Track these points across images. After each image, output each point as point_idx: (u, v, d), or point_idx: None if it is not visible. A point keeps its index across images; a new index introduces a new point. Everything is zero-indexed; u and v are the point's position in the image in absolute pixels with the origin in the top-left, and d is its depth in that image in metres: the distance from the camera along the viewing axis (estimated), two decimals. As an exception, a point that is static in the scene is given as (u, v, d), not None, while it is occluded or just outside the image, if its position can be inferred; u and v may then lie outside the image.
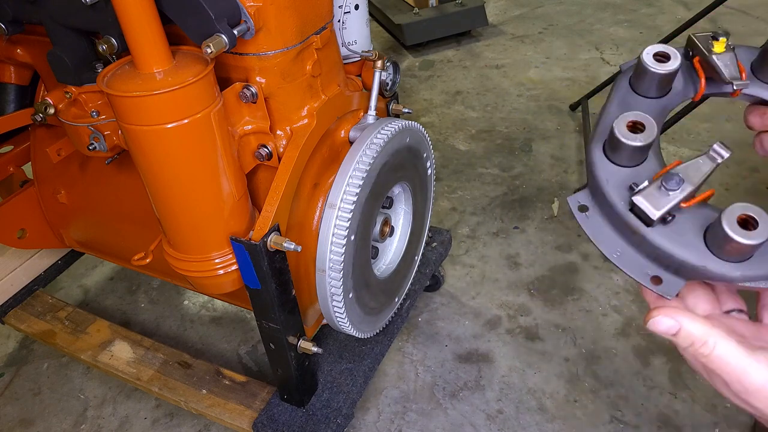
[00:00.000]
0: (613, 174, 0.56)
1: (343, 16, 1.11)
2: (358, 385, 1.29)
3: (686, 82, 0.61)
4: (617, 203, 0.54)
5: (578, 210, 0.57)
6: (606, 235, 0.56)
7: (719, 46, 0.59)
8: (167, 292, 1.89)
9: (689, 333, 0.47)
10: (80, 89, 1.03)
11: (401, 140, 1.14)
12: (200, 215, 0.94)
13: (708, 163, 0.51)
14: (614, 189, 0.55)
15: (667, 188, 0.50)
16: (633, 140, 0.53)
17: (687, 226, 0.52)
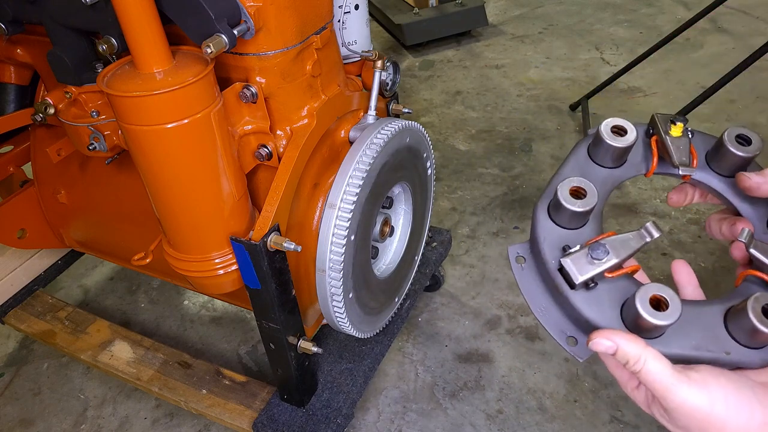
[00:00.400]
0: (551, 233, 0.59)
1: (343, 16, 1.11)
2: (358, 385, 1.29)
3: (642, 158, 0.64)
4: (549, 261, 0.57)
5: (515, 261, 0.61)
6: (535, 290, 0.59)
7: (676, 131, 0.61)
8: (167, 292, 1.89)
9: (625, 352, 0.50)
10: (80, 89, 1.03)
11: (401, 140, 1.14)
12: (200, 215, 0.94)
13: (638, 240, 0.54)
14: (549, 247, 0.58)
15: (593, 257, 0.53)
16: (572, 205, 0.56)
17: (607, 295, 0.55)
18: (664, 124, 0.62)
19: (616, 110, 2.57)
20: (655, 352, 0.50)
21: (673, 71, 2.80)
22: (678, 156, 0.60)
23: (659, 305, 0.51)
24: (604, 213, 2.08)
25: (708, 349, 0.52)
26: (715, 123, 2.42)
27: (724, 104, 2.50)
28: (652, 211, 2.01)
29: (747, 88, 2.58)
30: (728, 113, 2.47)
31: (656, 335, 0.52)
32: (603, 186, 0.62)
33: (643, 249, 0.55)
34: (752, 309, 0.50)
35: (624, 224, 1.97)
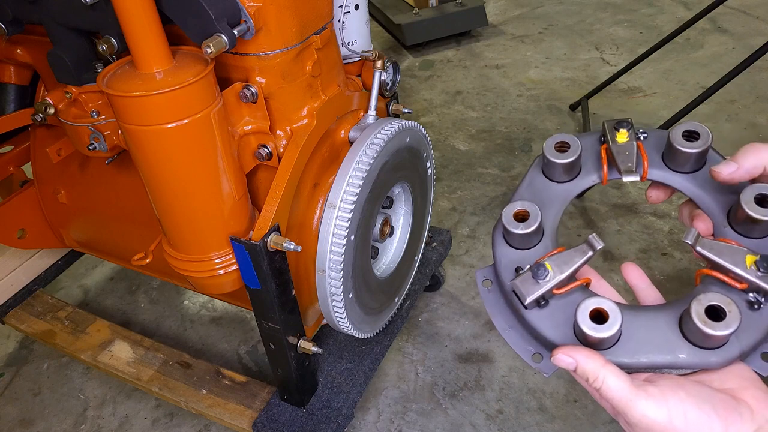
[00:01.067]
0: (506, 255, 0.61)
1: (343, 16, 1.11)
2: (358, 385, 1.29)
3: (596, 167, 0.64)
4: (505, 283, 0.59)
5: (482, 284, 0.63)
6: (500, 311, 0.61)
7: (621, 136, 0.62)
8: (167, 292, 1.89)
9: (584, 369, 0.51)
10: (80, 89, 1.03)
11: (401, 140, 1.14)
12: (200, 215, 0.94)
13: (580, 254, 0.56)
14: (504, 270, 0.60)
15: (536, 278, 0.55)
16: (516, 228, 0.58)
17: (559, 311, 0.56)
18: (611, 130, 0.63)
19: (617, 110, 2.57)
20: (614, 369, 0.51)
21: (673, 71, 2.80)
22: (623, 163, 0.61)
23: (600, 318, 0.52)
24: (604, 213, 2.08)
25: (662, 356, 0.52)
26: (716, 123, 2.42)
27: (724, 104, 2.50)
28: (652, 211, 2.01)
29: (747, 88, 2.58)
30: (728, 113, 2.47)
31: (607, 346, 0.53)
32: (559, 201, 0.63)
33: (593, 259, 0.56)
34: (695, 312, 0.50)
35: (624, 224, 1.97)
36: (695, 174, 0.61)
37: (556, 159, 0.61)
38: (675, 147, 0.59)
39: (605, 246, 1.89)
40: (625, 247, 1.89)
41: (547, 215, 0.62)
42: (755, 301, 0.52)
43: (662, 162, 0.63)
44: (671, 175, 0.62)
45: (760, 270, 0.51)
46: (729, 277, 0.52)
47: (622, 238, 1.93)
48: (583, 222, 2.00)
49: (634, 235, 1.93)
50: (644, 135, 0.64)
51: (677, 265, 1.80)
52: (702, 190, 0.60)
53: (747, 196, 0.54)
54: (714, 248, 0.53)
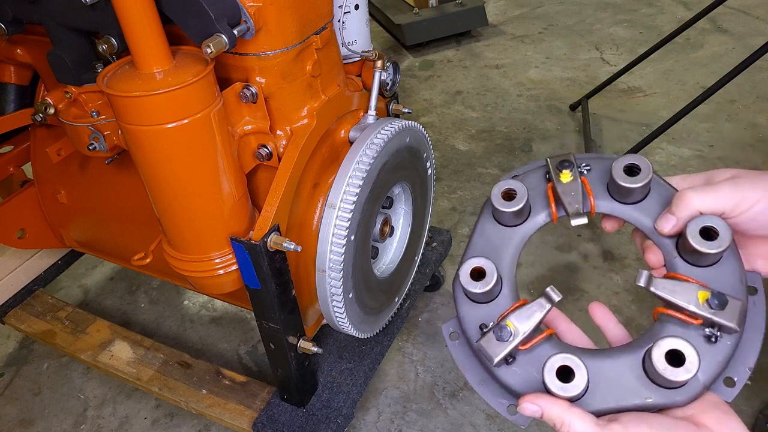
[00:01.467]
0: (469, 312, 0.61)
1: (343, 16, 1.11)
2: (358, 385, 1.29)
3: (545, 206, 0.64)
4: (472, 341, 0.60)
5: (449, 338, 0.63)
6: (471, 363, 0.62)
7: (565, 176, 0.62)
8: (167, 292, 1.89)
9: (550, 415, 0.53)
10: (80, 89, 1.03)
11: (401, 140, 1.14)
12: (200, 215, 0.94)
13: (541, 308, 0.56)
14: (470, 326, 0.61)
15: (500, 339, 0.56)
16: (474, 287, 0.59)
17: (528, 365, 0.57)
18: (555, 170, 0.63)
19: (617, 110, 2.57)
20: (579, 412, 0.52)
21: (673, 71, 2.80)
22: (570, 205, 0.61)
23: (567, 373, 0.53)
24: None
25: (630, 400, 0.54)
26: (716, 123, 2.42)
27: (724, 104, 2.50)
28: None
29: (747, 88, 2.58)
30: (728, 113, 2.47)
31: (577, 399, 0.54)
32: (514, 244, 0.64)
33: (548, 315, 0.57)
34: (657, 359, 0.51)
35: (623, 230, 1.96)
36: (641, 204, 0.62)
37: (505, 208, 0.62)
38: (617, 182, 0.60)
39: (606, 246, 1.90)
40: (625, 248, 1.89)
41: (504, 262, 0.63)
42: (711, 335, 0.54)
43: (608, 194, 0.63)
44: (618, 206, 0.62)
45: (712, 307, 0.53)
46: (684, 315, 0.54)
47: (622, 238, 1.93)
48: (583, 222, 2.00)
49: (634, 235, 1.93)
50: (587, 168, 0.64)
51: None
52: (649, 220, 0.61)
53: (692, 230, 0.55)
54: (667, 288, 0.55)
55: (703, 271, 0.57)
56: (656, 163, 2.24)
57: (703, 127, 2.40)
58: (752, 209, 0.54)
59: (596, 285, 1.77)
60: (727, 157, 2.23)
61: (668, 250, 0.59)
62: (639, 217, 0.61)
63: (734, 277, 0.56)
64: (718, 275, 0.56)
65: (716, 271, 0.57)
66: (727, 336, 0.54)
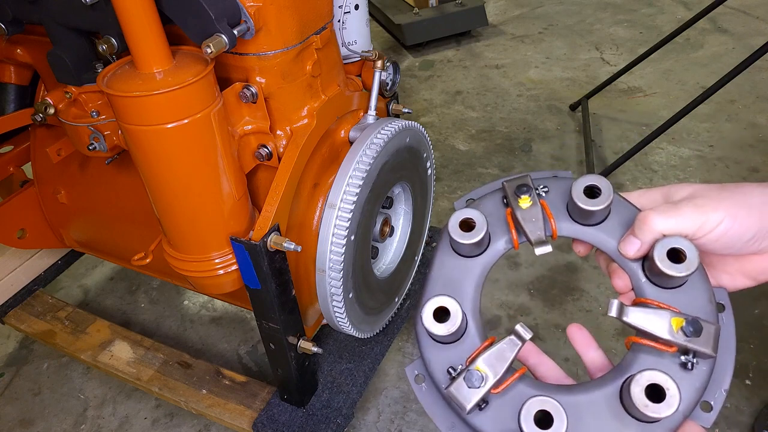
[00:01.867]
0: (435, 354, 0.57)
1: (343, 16, 1.11)
2: (358, 385, 1.29)
3: (505, 232, 0.61)
4: (441, 387, 0.56)
5: (415, 381, 0.59)
6: (439, 408, 0.58)
7: (524, 202, 0.59)
8: (167, 292, 1.89)
9: None
10: (80, 89, 1.03)
11: (401, 140, 1.14)
12: (200, 215, 0.94)
13: (512, 347, 0.53)
14: (437, 370, 0.57)
15: (471, 386, 0.52)
16: (438, 330, 0.55)
17: (502, 409, 0.54)
18: (513, 196, 0.60)
19: (617, 110, 2.57)
20: None
21: (673, 71, 2.80)
22: (532, 233, 0.58)
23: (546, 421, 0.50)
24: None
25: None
26: (716, 123, 2.42)
27: (724, 104, 2.50)
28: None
29: (747, 88, 2.58)
30: (728, 113, 2.47)
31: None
32: (475, 276, 0.61)
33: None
34: (635, 396, 0.49)
35: (624, 224, 1.97)
36: (603, 225, 0.60)
37: (464, 239, 0.58)
38: (577, 204, 0.57)
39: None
40: (625, 247, 1.89)
41: (466, 297, 0.60)
42: (687, 362, 0.52)
43: (569, 215, 0.61)
44: (580, 228, 0.60)
45: (686, 335, 0.51)
46: (659, 344, 0.52)
47: (622, 238, 1.92)
48: (583, 222, 2.00)
49: (634, 235, 1.93)
50: (545, 190, 0.61)
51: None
52: (612, 241, 0.59)
53: (660, 254, 0.53)
54: (640, 317, 0.53)
55: (671, 294, 0.56)
56: (656, 163, 2.24)
57: (703, 127, 2.40)
58: (715, 230, 0.54)
59: (596, 285, 1.77)
60: (727, 157, 2.23)
61: (635, 273, 0.58)
62: (602, 238, 0.60)
63: (703, 297, 0.55)
64: (688, 297, 0.55)
65: (685, 293, 0.55)
66: (703, 362, 0.53)
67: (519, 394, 0.54)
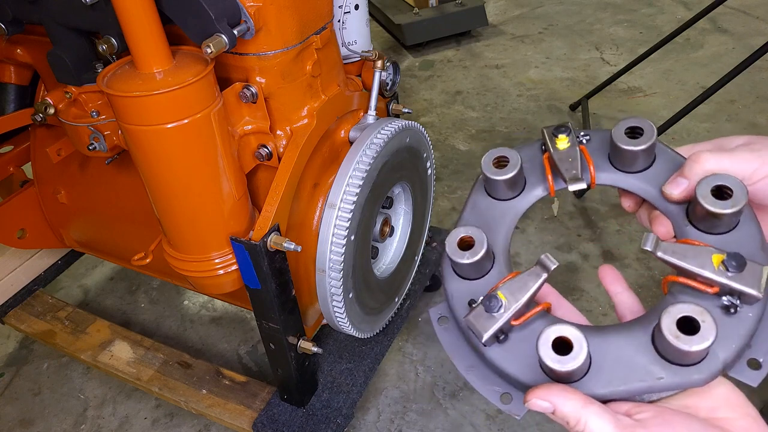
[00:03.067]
0: (457, 289, 0.55)
1: (343, 16, 1.11)
2: (358, 385, 1.29)
3: (541, 178, 0.59)
4: (460, 318, 0.54)
5: (438, 323, 0.57)
6: (460, 348, 0.55)
7: (561, 142, 0.57)
8: (167, 292, 1.89)
9: (563, 412, 0.47)
10: (80, 89, 1.03)
11: (401, 140, 1.14)
12: (200, 215, 0.94)
13: (534, 278, 0.50)
14: (458, 304, 0.55)
15: (490, 311, 0.49)
16: (461, 257, 0.53)
17: (522, 344, 0.51)
18: (550, 137, 0.57)
19: (617, 110, 2.57)
20: (596, 409, 0.46)
21: (673, 71, 2.80)
22: (567, 171, 0.56)
23: (565, 347, 0.46)
24: (604, 213, 2.08)
25: (639, 381, 0.47)
26: (716, 123, 2.42)
27: (724, 104, 2.50)
28: (652, 211, 2.01)
29: (747, 88, 2.58)
30: (728, 113, 2.47)
31: (578, 377, 0.48)
32: (507, 220, 0.58)
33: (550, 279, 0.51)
34: (667, 328, 0.44)
35: (624, 224, 1.97)
36: (645, 173, 0.56)
37: (496, 176, 0.56)
38: (619, 146, 0.54)
39: (606, 246, 1.90)
40: (625, 247, 1.89)
41: (496, 237, 0.57)
42: (730, 305, 0.47)
43: (610, 164, 0.58)
44: (622, 176, 0.57)
45: (729, 270, 0.46)
46: (698, 282, 0.48)
47: (622, 238, 1.93)
48: (583, 222, 2.00)
49: (634, 235, 1.93)
50: (587, 138, 0.59)
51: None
52: (655, 188, 0.55)
53: (703, 190, 0.49)
54: (677, 251, 0.48)
55: (717, 238, 0.50)
56: (656, 163, 2.24)
57: (703, 127, 2.40)
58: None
59: (596, 285, 1.77)
60: (727, 157, 2.23)
61: (678, 218, 0.53)
62: (644, 186, 0.56)
63: (753, 242, 0.49)
64: (735, 241, 0.50)
65: (732, 238, 0.50)
66: (748, 307, 0.46)
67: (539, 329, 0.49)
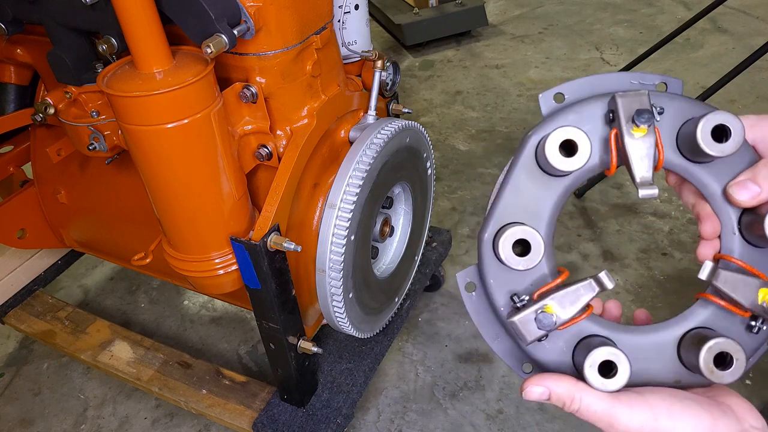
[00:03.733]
0: (499, 275, 0.54)
1: (343, 16, 1.11)
2: (358, 385, 1.29)
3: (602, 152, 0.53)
4: (499, 308, 0.54)
5: (465, 289, 0.56)
6: (487, 319, 0.56)
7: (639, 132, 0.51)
8: (167, 292, 1.89)
9: (558, 395, 0.50)
10: (80, 89, 1.03)
11: (401, 140, 1.14)
12: (200, 215, 0.94)
13: (588, 292, 0.51)
14: (498, 291, 0.54)
15: (542, 328, 0.50)
16: (516, 264, 0.51)
17: (557, 341, 0.53)
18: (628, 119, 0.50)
19: (616, 110, 2.57)
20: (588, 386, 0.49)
21: (673, 71, 2.80)
22: (638, 170, 0.50)
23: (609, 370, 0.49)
24: (604, 213, 2.08)
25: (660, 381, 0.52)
26: (715, 123, 2.42)
27: (724, 104, 2.50)
28: (652, 211, 2.01)
29: (747, 88, 2.58)
30: (728, 113, 2.47)
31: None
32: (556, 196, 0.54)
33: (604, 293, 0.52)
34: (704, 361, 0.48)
35: (624, 224, 1.97)
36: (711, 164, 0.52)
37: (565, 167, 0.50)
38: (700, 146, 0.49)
39: (606, 246, 1.90)
40: (625, 247, 1.89)
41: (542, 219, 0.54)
42: (754, 326, 0.51)
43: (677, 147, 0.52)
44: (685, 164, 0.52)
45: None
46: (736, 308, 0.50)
47: (622, 238, 1.93)
48: (583, 222, 2.00)
49: (634, 235, 1.93)
50: (660, 112, 0.52)
51: (677, 265, 1.80)
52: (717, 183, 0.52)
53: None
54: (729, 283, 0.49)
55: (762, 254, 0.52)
56: (656, 163, 2.24)
57: (703, 127, 2.40)
58: None
59: (596, 285, 1.77)
60: (727, 157, 2.23)
61: (728, 223, 0.52)
62: (706, 179, 0.52)
63: None
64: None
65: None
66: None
67: (578, 328, 0.52)
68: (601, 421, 0.49)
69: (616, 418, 0.48)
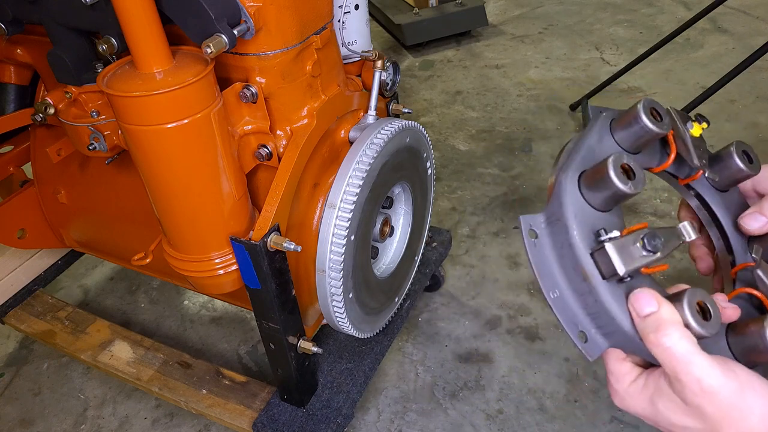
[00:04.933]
0: (582, 211, 0.51)
1: (343, 16, 1.11)
2: (358, 385, 1.29)
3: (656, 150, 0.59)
4: (578, 244, 0.50)
5: (528, 235, 0.53)
6: (551, 271, 0.52)
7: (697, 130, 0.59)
8: (167, 292, 1.89)
9: (660, 317, 0.47)
10: (80, 89, 1.03)
11: (401, 140, 1.14)
12: (200, 215, 0.94)
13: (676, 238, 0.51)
14: (580, 228, 0.50)
15: (648, 248, 0.48)
16: (624, 185, 0.50)
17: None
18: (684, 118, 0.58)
19: (616, 110, 2.57)
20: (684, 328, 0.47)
21: (673, 71, 2.80)
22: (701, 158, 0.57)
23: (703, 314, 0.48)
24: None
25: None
26: (716, 123, 2.42)
27: (724, 104, 2.50)
28: (652, 210, 2.01)
29: (747, 88, 2.58)
30: (728, 113, 2.47)
31: None
32: None
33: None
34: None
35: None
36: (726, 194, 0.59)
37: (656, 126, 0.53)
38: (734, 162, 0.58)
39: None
40: (625, 247, 1.89)
41: None
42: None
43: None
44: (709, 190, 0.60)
45: None
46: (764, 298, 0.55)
47: (622, 238, 1.92)
48: (583, 222, 2.00)
49: (634, 235, 1.93)
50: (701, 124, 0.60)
51: (677, 265, 1.80)
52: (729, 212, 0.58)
53: None
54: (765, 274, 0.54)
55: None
56: (656, 163, 2.24)
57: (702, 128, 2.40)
58: None
59: (596, 285, 1.77)
60: (727, 157, 2.23)
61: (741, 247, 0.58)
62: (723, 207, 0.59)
63: None
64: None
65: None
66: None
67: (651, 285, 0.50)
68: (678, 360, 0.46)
69: (694, 365, 0.45)
